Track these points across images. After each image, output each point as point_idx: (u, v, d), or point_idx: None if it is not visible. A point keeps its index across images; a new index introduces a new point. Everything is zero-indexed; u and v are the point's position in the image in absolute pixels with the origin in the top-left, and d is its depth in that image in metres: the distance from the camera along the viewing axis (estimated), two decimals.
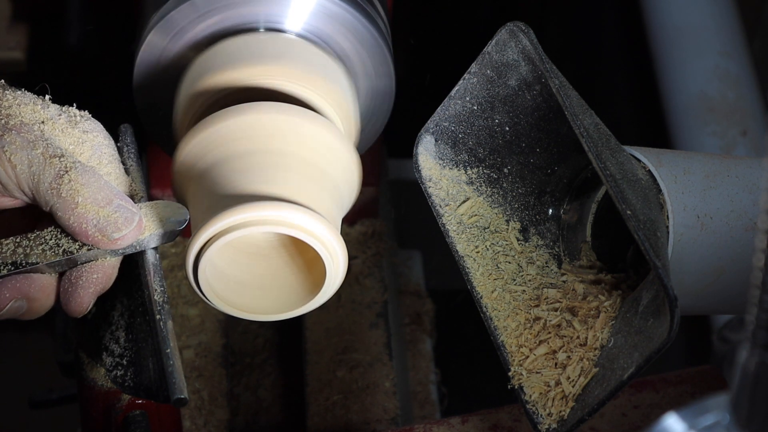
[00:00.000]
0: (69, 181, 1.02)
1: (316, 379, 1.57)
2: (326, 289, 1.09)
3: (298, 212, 1.05)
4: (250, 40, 1.21)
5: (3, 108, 1.05)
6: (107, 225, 1.03)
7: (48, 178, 1.02)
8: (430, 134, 1.15)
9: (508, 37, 1.09)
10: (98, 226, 1.03)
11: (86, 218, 1.02)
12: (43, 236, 1.05)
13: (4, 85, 1.07)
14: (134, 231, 1.04)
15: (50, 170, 1.02)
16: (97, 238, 1.03)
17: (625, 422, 1.23)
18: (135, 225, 1.04)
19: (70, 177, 1.02)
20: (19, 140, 1.03)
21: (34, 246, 1.04)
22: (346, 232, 1.68)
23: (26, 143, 1.03)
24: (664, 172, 1.07)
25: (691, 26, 1.96)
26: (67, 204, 1.02)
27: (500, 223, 1.16)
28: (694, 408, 0.75)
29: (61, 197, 1.02)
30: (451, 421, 1.26)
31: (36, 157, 1.03)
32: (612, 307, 1.08)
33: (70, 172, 1.03)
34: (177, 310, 1.62)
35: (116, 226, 1.03)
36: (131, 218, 1.04)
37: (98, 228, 1.03)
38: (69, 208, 1.02)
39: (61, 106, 1.08)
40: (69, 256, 1.04)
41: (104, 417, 1.15)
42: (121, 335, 1.09)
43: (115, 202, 1.04)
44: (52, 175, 1.02)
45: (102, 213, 1.03)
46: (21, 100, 1.06)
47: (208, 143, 1.11)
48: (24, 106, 1.06)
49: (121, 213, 1.04)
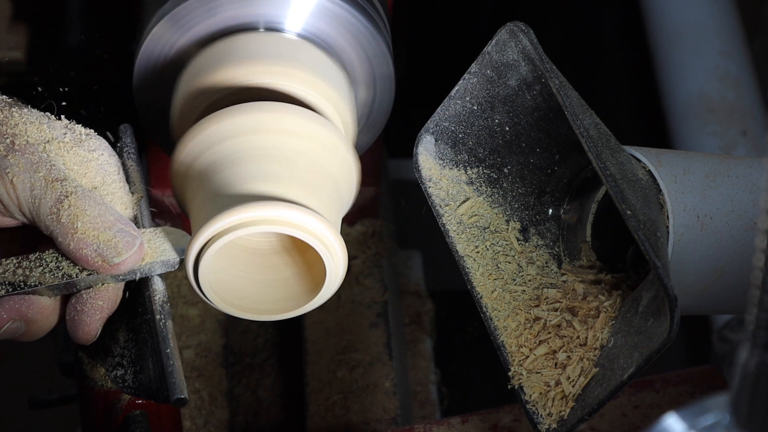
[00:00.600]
0: (69, 206, 1.02)
1: (316, 379, 1.57)
2: (326, 289, 1.09)
3: (298, 212, 1.05)
4: (250, 39, 1.21)
5: (9, 127, 1.04)
6: (107, 250, 1.03)
7: (48, 203, 1.02)
8: (430, 134, 1.15)
9: (508, 37, 1.09)
10: (98, 251, 1.02)
11: (86, 243, 1.02)
12: (45, 258, 1.04)
13: (12, 103, 1.07)
14: (135, 255, 1.04)
15: (51, 194, 1.02)
16: (97, 263, 1.03)
17: (625, 422, 1.23)
18: (136, 249, 1.04)
19: (71, 202, 1.02)
20: (23, 162, 1.02)
21: (34, 267, 1.04)
22: (346, 232, 1.68)
23: (29, 165, 1.02)
24: (664, 172, 1.07)
25: (691, 26, 1.96)
26: (67, 229, 1.02)
27: (500, 223, 1.16)
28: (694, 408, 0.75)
29: (61, 222, 1.02)
30: (451, 421, 1.26)
31: (38, 181, 1.02)
32: (612, 307, 1.08)
33: (71, 197, 1.02)
34: (177, 310, 1.62)
35: (116, 250, 1.03)
36: (132, 243, 1.03)
37: (98, 252, 1.02)
38: (68, 233, 1.02)
39: (68, 123, 1.08)
40: (68, 280, 1.04)
41: (104, 417, 1.15)
42: (121, 335, 1.09)
43: (116, 226, 1.03)
44: (53, 199, 1.02)
45: (102, 237, 1.02)
46: (27, 118, 1.06)
47: (208, 143, 1.11)
48: (30, 125, 1.05)
49: (122, 237, 1.03)
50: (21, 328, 1.05)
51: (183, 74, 1.21)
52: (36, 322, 1.05)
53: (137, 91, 1.26)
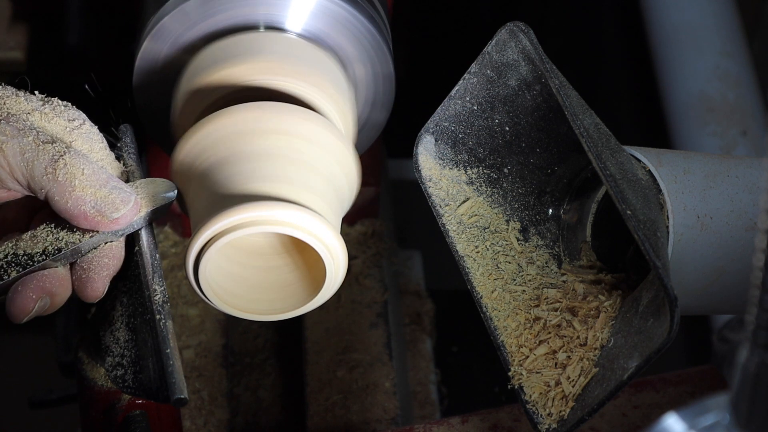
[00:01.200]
0: (65, 165, 1.04)
1: (316, 379, 1.57)
2: (326, 289, 1.09)
3: (298, 212, 1.05)
4: (249, 38, 1.21)
5: None
6: (105, 206, 1.05)
7: (42, 164, 1.03)
8: (430, 134, 1.15)
9: (508, 37, 1.09)
10: (96, 207, 1.04)
11: (84, 200, 1.04)
12: (39, 234, 1.05)
13: None
14: (132, 210, 1.06)
15: (44, 156, 1.04)
16: (96, 220, 1.05)
17: (625, 422, 1.23)
18: (132, 204, 1.06)
19: (66, 161, 1.04)
20: (9, 129, 1.04)
21: (33, 245, 1.05)
22: (346, 232, 1.68)
23: (16, 132, 1.04)
24: (664, 172, 1.07)
25: (691, 26, 1.96)
26: (64, 187, 1.03)
27: (500, 223, 1.16)
28: (694, 408, 0.75)
29: (58, 181, 1.03)
30: (451, 421, 1.26)
31: (28, 144, 1.04)
32: (612, 307, 1.08)
33: (65, 156, 1.04)
34: (177, 310, 1.62)
35: (114, 206, 1.05)
36: (128, 198, 1.06)
37: (97, 209, 1.04)
38: (66, 191, 1.04)
39: (43, 96, 1.10)
40: (72, 246, 1.05)
41: (104, 417, 1.15)
42: (121, 335, 1.09)
43: (111, 183, 1.05)
44: (47, 160, 1.03)
45: (99, 194, 1.04)
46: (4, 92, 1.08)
47: (208, 142, 1.11)
48: (8, 99, 1.07)
49: (118, 193, 1.05)
50: (47, 303, 1.06)
51: (183, 74, 1.21)
52: (58, 294, 1.06)
53: (137, 91, 1.26)
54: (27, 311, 1.05)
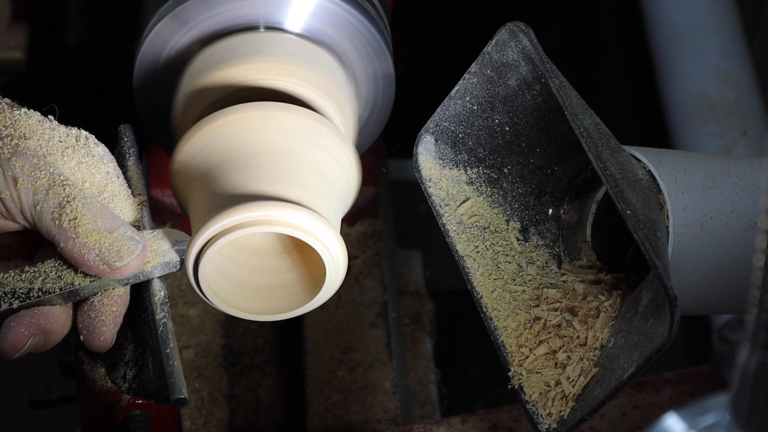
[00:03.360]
0: (71, 211, 1.02)
1: (316, 379, 1.57)
2: (326, 289, 1.09)
3: (298, 212, 1.05)
4: (250, 38, 1.21)
5: (13, 129, 1.04)
6: (110, 254, 1.02)
7: (50, 208, 1.02)
8: (430, 134, 1.15)
9: (508, 37, 1.09)
10: (100, 255, 1.02)
11: (88, 248, 1.01)
12: (44, 269, 1.04)
13: (13, 105, 1.06)
14: (137, 259, 1.03)
15: (53, 199, 1.02)
16: (99, 268, 1.02)
17: (625, 422, 1.23)
18: (138, 253, 1.03)
19: (73, 207, 1.02)
20: (27, 166, 1.02)
21: (34, 279, 1.03)
22: (346, 232, 1.68)
23: (33, 169, 1.02)
24: (664, 172, 1.07)
25: (691, 26, 1.96)
26: (68, 234, 1.01)
27: (500, 223, 1.16)
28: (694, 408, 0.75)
29: (62, 228, 1.01)
30: (451, 421, 1.26)
31: (41, 186, 1.02)
32: (612, 307, 1.08)
33: (73, 202, 1.02)
34: (177, 310, 1.62)
35: (119, 255, 1.02)
36: (134, 247, 1.03)
37: (101, 257, 1.02)
38: (70, 238, 1.01)
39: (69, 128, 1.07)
40: (71, 288, 1.03)
41: (104, 417, 1.15)
42: (121, 335, 1.09)
43: (119, 231, 1.03)
44: (55, 204, 1.02)
45: (104, 242, 1.02)
46: (30, 121, 1.05)
47: (208, 142, 1.11)
48: (33, 128, 1.05)
49: (124, 242, 1.02)
50: (41, 341, 1.04)
51: (183, 74, 1.21)
52: (53, 333, 1.04)
53: (137, 91, 1.26)
54: (18, 347, 1.03)
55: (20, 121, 1.05)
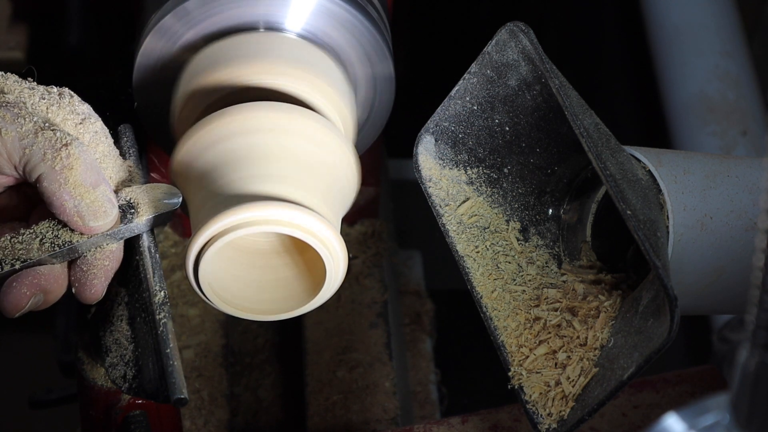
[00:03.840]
0: (68, 155, 1.03)
1: (316, 379, 1.57)
2: (326, 289, 1.09)
3: (298, 212, 1.05)
4: (250, 38, 1.21)
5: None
6: (86, 210, 1.04)
7: (41, 150, 1.03)
8: (430, 134, 1.15)
9: (508, 37, 1.09)
10: (77, 208, 1.04)
11: (70, 196, 1.03)
12: (40, 230, 1.05)
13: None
14: (108, 224, 1.05)
15: (43, 142, 1.03)
16: (72, 218, 1.04)
17: (625, 422, 1.23)
18: (111, 219, 1.05)
19: (69, 151, 1.03)
20: (9, 115, 1.03)
21: (31, 240, 1.05)
22: (346, 232, 1.68)
23: (15, 117, 1.03)
24: (664, 172, 1.07)
25: (690, 26, 1.96)
26: (58, 178, 1.03)
27: (500, 223, 1.16)
28: (694, 408, 0.75)
29: (54, 169, 1.03)
30: (451, 421, 1.26)
31: (27, 131, 1.03)
32: (612, 307, 1.08)
33: (70, 146, 1.03)
34: (177, 310, 1.62)
35: (94, 214, 1.04)
36: (110, 211, 1.05)
37: (77, 210, 1.04)
38: (58, 182, 1.03)
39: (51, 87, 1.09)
40: (69, 246, 1.05)
41: (104, 417, 1.15)
42: (121, 335, 1.09)
43: (100, 188, 1.04)
44: (46, 146, 1.03)
45: (85, 197, 1.03)
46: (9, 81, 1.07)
47: (208, 142, 1.11)
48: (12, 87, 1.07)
49: (103, 202, 1.04)
50: (41, 300, 1.06)
51: (183, 74, 1.21)
52: (52, 292, 1.06)
53: (137, 91, 1.26)
54: (20, 307, 1.05)
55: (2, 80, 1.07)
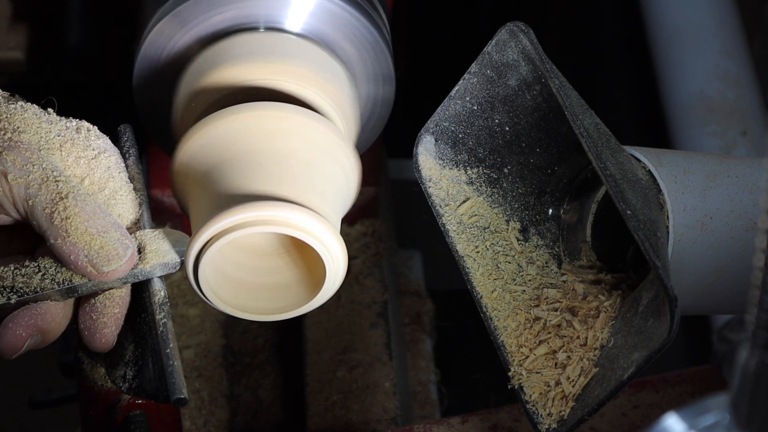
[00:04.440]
0: (64, 208, 1.00)
1: (316, 379, 1.57)
2: (326, 289, 1.09)
3: (298, 212, 1.05)
4: (250, 39, 1.21)
5: (7, 122, 1.03)
6: (98, 257, 1.01)
7: (42, 204, 1.00)
8: (430, 134, 1.15)
9: (508, 37, 1.09)
10: (88, 258, 1.01)
11: (77, 248, 1.00)
12: (43, 265, 1.03)
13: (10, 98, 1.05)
14: (125, 265, 1.02)
15: (45, 195, 1.00)
16: (86, 270, 1.01)
17: (625, 422, 1.23)
18: (127, 259, 1.02)
19: (66, 204, 1.00)
20: (19, 160, 1.01)
21: (32, 275, 1.03)
22: (346, 232, 1.68)
23: (24, 163, 1.01)
24: (664, 172, 1.07)
25: (690, 26, 1.96)
26: (59, 232, 1.00)
27: (500, 223, 1.16)
28: (694, 408, 0.75)
29: (53, 225, 1.00)
30: (451, 421, 1.26)
31: (33, 180, 1.01)
32: (612, 307, 1.08)
33: (66, 199, 1.01)
34: (177, 310, 1.62)
35: (107, 258, 1.01)
36: (123, 252, 1.02)
37: (88, 259, 1.01)
38: (60, 236, 1.00)
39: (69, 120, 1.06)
40: (70, 285, 1.03)
41: (104, 417, 1.15)
42: (120, 335, 1.09)
43: (109, 233, 1.01)
44: (47, 200, 1.00)
45: (94, 244, 1.01)
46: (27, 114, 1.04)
47: (208, 142, 1.11)
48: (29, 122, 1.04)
49: (113, 245, 1.01)
50: (39, 340, 1.03)
51: (183, 74, 1.21)
52: (50, 331, 1.03)
53: (137, 91, 1.26)
54: (17, 348, 1.02)
55: (15, 114, 1.04)
